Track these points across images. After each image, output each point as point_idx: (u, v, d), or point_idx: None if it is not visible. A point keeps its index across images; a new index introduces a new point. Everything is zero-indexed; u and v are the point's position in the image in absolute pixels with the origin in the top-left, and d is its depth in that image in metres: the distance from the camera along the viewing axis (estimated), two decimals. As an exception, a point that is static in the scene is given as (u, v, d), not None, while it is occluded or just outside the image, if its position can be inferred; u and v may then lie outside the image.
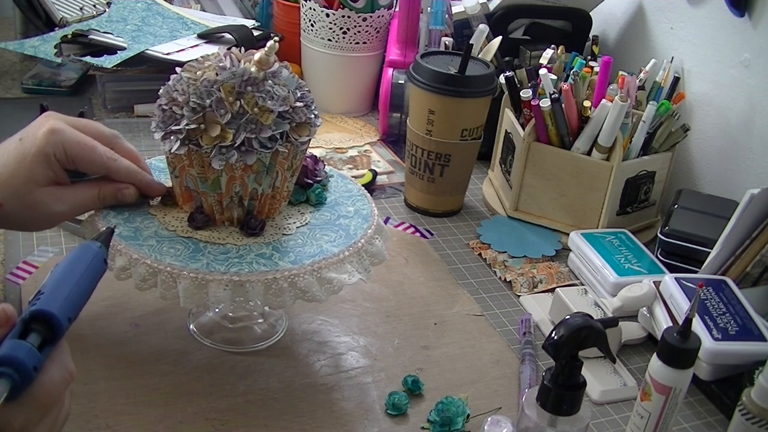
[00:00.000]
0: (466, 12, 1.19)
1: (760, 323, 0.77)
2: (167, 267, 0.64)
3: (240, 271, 0.64)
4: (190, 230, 0.69)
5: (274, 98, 0.66)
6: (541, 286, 0.91)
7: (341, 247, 0.69)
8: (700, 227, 0.93)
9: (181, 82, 0.66)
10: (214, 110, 0.65)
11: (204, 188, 0.68)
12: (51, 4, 1.31)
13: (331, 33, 1.24)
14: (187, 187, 0.70)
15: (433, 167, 1.01)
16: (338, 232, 0.72)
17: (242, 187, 0.68)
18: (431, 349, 0.80)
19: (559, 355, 0.58)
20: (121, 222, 0.69)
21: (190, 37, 1.29)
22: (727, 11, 1.04)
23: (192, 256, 0.66)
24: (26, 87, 1.22)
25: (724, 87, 1.07)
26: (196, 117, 0.65)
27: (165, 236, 0.68)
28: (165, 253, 0.65)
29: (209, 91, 0.65)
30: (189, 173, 0.68)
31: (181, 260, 0.65)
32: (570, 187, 0.99)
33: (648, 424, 0.65)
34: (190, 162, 0.67)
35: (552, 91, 0.96)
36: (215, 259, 0.66)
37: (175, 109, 0.66)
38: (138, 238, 0.67)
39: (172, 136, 0.66)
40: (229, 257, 0.66)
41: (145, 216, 0.70)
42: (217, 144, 0.65)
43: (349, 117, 1.30)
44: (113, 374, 0.70)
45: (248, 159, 0.65)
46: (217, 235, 0.69)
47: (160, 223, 0.70)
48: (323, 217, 0.74)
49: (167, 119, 0.66)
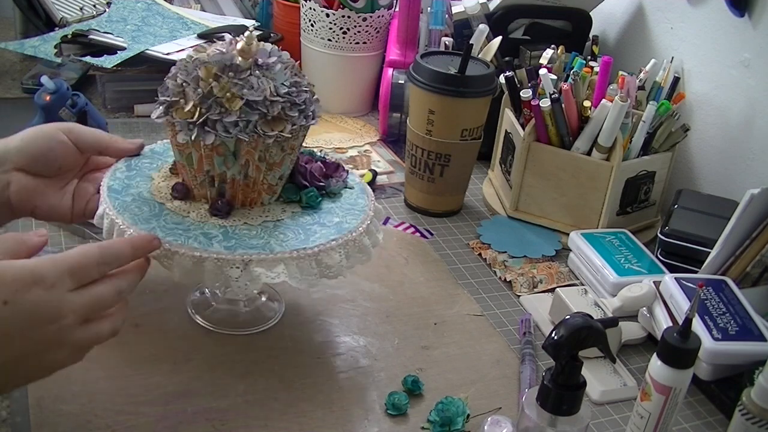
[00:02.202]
0: (466, 12, 1.19)
1: (760, 323, 0.77)
2: None
3: (174, 242, 0.66)
4: (169, 198, 0.73)
5: (253, 88, 0.67)
6: (541, 286, 0.91)
7: (267, 251, 0.68)
8: (700, 227, 0.93)
9: (185, 59, 0.70)
10: (190, 86, 0.68)
11: (181, 160, 0.72)
12: (51, 4, 1.31)
13: (331, 33, 1.24)
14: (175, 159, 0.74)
15: (433, 167, 1.01)
16: (297, 235, 0.70)
17: (211, 168, 0.70)
18: (431, 349, 0.80)
19: (559, 355, 0.58)
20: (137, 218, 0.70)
21: (190, 37, 1.29)
22: (727, 11, 1.04)
23: (146, 218, 0.69)
24: (26, 87, 1.22)
25: (724, 87, 1.07)
26: (177, 90, 0.69)
27: (146, 199, 0.72)
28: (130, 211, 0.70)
29: (193, 69, 0.68)
30: (171, 142, 0.73)
31: (136, 220, 0.69)
32: (570, 187, 0.99)
33: (648, 424, 0.65)
34: (173, 134, 0.70)
35: (552, 91, 0.96)
36: (165, 225, 0.69)
37: (168, 82, 0.70)
38: (124, 195, 0.72)
39: (160, 106, 0.70)
40: (179, 228, 0.69)
41: (144, 179, 0.75)
42: (186, 119, 0.68)
43: (349, 117, 1.30)
44: (113, 374, 0.70)
45: (207, 138, 0.67)
46: (186, 207, 0.72)
47: (152, 187, 0.74)
48: (301, 220, 0.73)
49: (163, 90, 0.71)
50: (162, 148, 0.81)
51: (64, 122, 0.78)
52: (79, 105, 0.96)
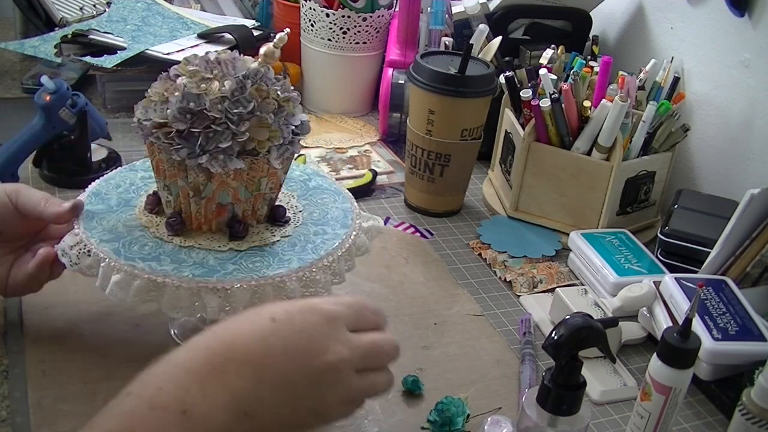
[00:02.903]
0: (466, 12, 1.19)
1: (760, 323, 0.77)
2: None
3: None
4: (239, 243, 0.68)
5: (281, 88, 0.67)
6: (541, 286, 0.91)
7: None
8: (700, 227, 0.93)
9: (198, 100, 0.63)
10: (256, 114, 0.64)
11: (245, 196, 0.68)
12: (51, 4, 1.31)
13: (331, 33, 1.24)
14: (220, 203, 0.68)
15: (433, 167, 1.01)
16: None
17: (275, 182, 0.69)
18: (431, 349, 0.80)
19: (559, 355, 0.58)
20: (176, 266, 0.65)
21: (190, 37, 1.29)
22: (727, 11, 1.04)
23: (279, 260, 0.66)
24: (26, 87, 1.22)
25: (724, 87, 1.07)
26: (244, 127, 0.63)
27: (229, 257, 0.66)
28: (262, 267, 0.65)
29: (239, 99, 0.63)
30: (229, 187, 0.66)
31: (284, 266, 0.65)
32: (570, 187, 0.99)
33: (648, 424, 0.65)
34: (236, 175, 0.65)
35: (552, 91, 0.96)
36: (301, 253, 0.67)
37: (214, 127, 0.63)
38: (216, 270, 0.65)
39: (221, 155, 0.63)
40: (304, 246, 0.68)
41: (181, 249, 0.67)
42: (271, 145, 0.65)
43: (349, 117, 1.30)
44: (113, 374, 0.70)
45: (296, 149, 0.66)
46: (264, 237, 0.69)
47: (207, 249, 0.67)
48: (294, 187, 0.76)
49: (203, 141, 0.63)
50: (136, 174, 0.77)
51: (12, 183, 0.73)
52: (79, 105, 0.96)
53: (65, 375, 0.69)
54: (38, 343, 0.72)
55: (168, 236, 0.68)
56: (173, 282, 0.63)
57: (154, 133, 0.65)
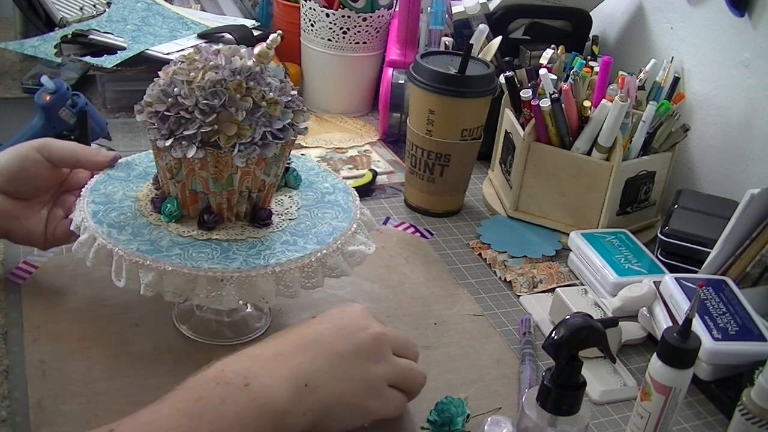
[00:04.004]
0: (466, 12, 1.19)
1: (760, 323, 0.77)
2: (218, 272, 0.65)
3: (283, 261, 0.66)
4: (204, 233, 0.69)
5: (274, 90, 0.67)
6: (541, 286, 0.91)
7: (346, 221, 0.73)
8: (700, 227, 0.93)
9: (181, 86, 0.66)
10: (227, 109, 0.65)
11: (215, 188, 0.68)
12: (51, 4, 1.31)
13: (331, 33, 1.24)
14: (193, 190, 0.69)
15: (433, 167, 1.01)
16: (335, 208, 0.75)
17: (253, 181, 0.69)
18: (431, 349, 0.80)
19: (559, 355, 0.58)
20: (130, 237, 0.67)
21: (190, 37, 1.29)
22: (727, 11, 1.04)
23: (226, 257, 0.66)
24: (26, 87, 1.22)
25: (724, 87, 1.07)
26: (210, 119, 0.65)
27: (186, 243, 0.68)
28: (200, 259, 0.65)
29: (217, 91, 0.65)
30: (199, 176, 0.68)
31: (222, 263, 0.65)
32: (570, 187, 0.99)
33: (648, 424, 0.65)
34: (202, 164, 0.67)
35: (552, 91, 0.96)
36: (249, 255, 0.67)
37: (183, 114, 0.65)
38: (160, 250, 0.66)
39: (184, 141, 0.65)
40: (261, 251, 0.67)
41: (152, 227, 0.69)
42: (236, 142, 0.65)
43: (349, 117, 1.30)
44: (113, 374, 0.70)
45: (267, 152, 0.66)
46: (234, 232, 0.70)
47: (171, 231, 0.69)
48: (310, 197, 0.77)
49: (173, 125, 0.65)
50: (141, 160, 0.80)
51: (37, 139, 0.76)
52: (79, 105, 0.96)
53: (65, 375, 0.69)
54: (38, 343, 0.72)
55: (149, 212, 0.71)
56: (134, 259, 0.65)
57: (144, 110, 0.68)
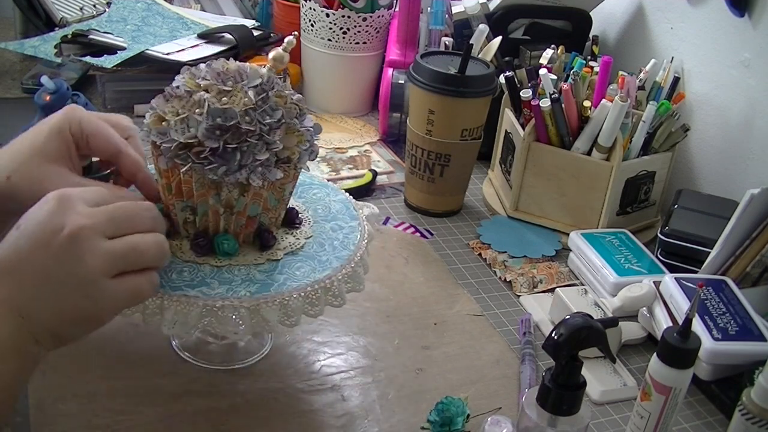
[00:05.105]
0: (466, 12, 1.19)
1: (760, 323, 0.77)
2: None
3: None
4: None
5: (290, 91, 0.65)
6: (541, 286, 0.91)
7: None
8: (700, 227, 0.93)
9: (226, 113, 0.59)
10: (287, 121, 0.62)
11: (274, 204, 0.66)
12: (51, 4, 1.31)
13: (331, 33, 1.24)
14: (249, 215, 0.65)
15: (433, 167, 1.01)
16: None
17: (293, 185, 0.68)
18: (431, 349, 0.80)
19: (559, 355, 0.58)
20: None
21: (190, 37, 1.29)
22: (727, 11, 1.04)
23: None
24: (26, 87, 1.22)
25: (724, 87, 1.07)
26: (278, 137, 0.61)
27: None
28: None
29: (268, 108, 0.61)
30: (261, 198, 0.64)
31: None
32: (570, 187, 0.99)
33: (648, 424, 0.65)
34: (269, 186, 0.63)
35: (552, 91, 0.96)
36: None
37: (251, 140, 0.60)
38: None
39: (260, 168, 0.61)
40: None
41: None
42: (301, 150, 0.64)
43: (349, 117, 1.30)
44: (113, 374, 0.70)
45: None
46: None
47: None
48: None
49: (243, 156, 0.60)
50: None
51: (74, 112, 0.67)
52: (78, 105, 0.96)
53: (65, 375, 0.69)
54: (38, 343, 0.72)
55: (199, 258, 0.64)
56: (232, 304, 0.60)
57: (181, 154, 0.60)
